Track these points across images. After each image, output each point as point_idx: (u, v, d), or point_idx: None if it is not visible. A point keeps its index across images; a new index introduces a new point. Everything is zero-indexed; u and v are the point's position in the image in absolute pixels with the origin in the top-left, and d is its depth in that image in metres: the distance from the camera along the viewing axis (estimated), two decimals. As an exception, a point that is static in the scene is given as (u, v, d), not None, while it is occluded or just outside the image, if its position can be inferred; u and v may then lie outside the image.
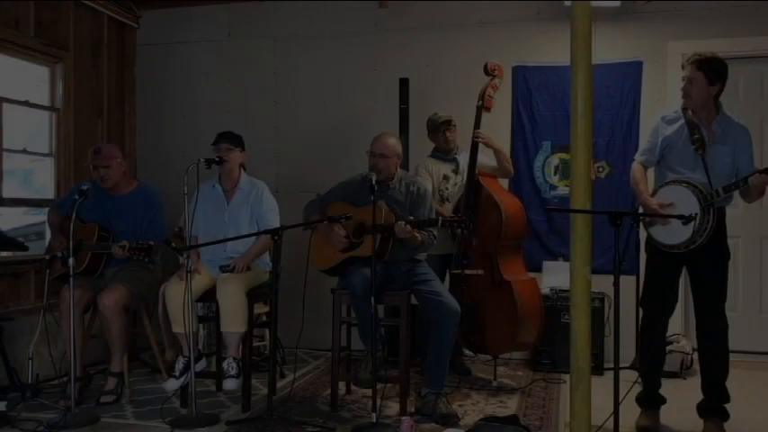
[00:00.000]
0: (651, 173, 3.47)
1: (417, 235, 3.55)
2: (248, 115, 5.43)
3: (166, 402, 3.66)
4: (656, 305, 3.33)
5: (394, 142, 3.77)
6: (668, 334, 3.59)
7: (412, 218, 3.52)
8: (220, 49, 5.59)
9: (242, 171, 4.01)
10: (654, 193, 3.34)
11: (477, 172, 4.25)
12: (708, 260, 3.21)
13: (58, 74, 4.98)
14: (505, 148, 4.72)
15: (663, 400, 3.44)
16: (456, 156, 4.50)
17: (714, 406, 3.26)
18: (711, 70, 3.20)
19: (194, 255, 3.70)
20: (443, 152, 4.51)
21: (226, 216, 3.90)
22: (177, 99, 5.67)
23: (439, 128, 4.45)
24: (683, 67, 3.33)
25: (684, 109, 3.31)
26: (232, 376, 3.56)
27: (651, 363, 3.40)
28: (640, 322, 3.46)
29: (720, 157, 3.22)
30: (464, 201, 4.22)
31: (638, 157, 3.49)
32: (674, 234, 3.18)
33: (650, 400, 3.43)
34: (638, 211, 4.23)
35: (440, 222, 3.47)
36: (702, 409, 3.30)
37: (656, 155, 3.38)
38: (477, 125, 4.29)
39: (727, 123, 3.26)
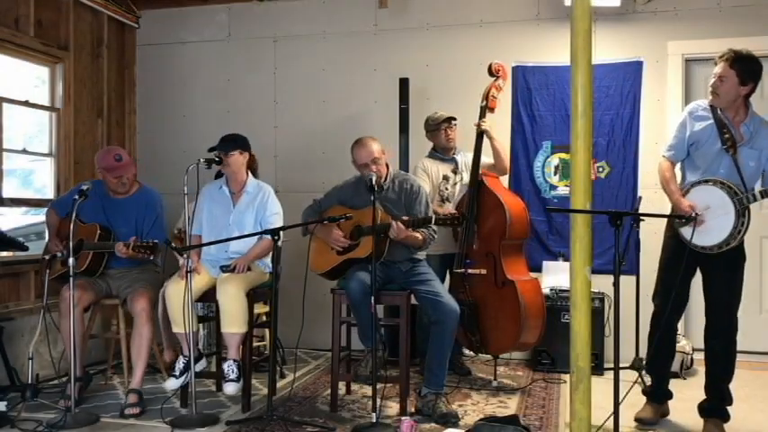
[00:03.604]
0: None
1: (417, 234, 3.54)
2: (248, 115, 5.42)
3: (166, 402, 3.66)
4: (665, 301, 3.25)
5: (376, 144, 3.67)
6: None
7: (406, 218, 3.50)
8: (220, 49, 5.59)
9: (249, 174, 3.99)
10: (685, 193, 3.21)
11: (480, 171, 4.25)
12: (721, 261, 3.15)
13: (58, 74, 4.98)
14: (505, 145, 4.71)
15: (669, 395, 3.45)
16: (455, 155, 4.50)
17: (716, 406, 3.25)
18: (745, 69, 3.05)
19: (194, 254, 3.70)
20: (443, 152, 4.50)
21: (231, 218, 3.89)
22: (177, 99, 5.67)
23: (440, 125, 4.43)
24: (715, 63, 3.15)
25: (713, 107, 3.18)
26: (232, 380, 3.56)
27: (656, 356, 3.37)
28: (651, 317, 3.41)
29: (745, 161, 3.11)
30: (467, 198, 4.22)
31: (665, 152, 3.34)
32: (707, 236, 3.07)
33: (657, 395, 3.43)
34: (638, 211, 4.24)
35: (433, 220, 3.44)
36: (703, 410, 3.30)
37: (684, 150, 3.25)
38: None
39: (757, 125, 3.13)
